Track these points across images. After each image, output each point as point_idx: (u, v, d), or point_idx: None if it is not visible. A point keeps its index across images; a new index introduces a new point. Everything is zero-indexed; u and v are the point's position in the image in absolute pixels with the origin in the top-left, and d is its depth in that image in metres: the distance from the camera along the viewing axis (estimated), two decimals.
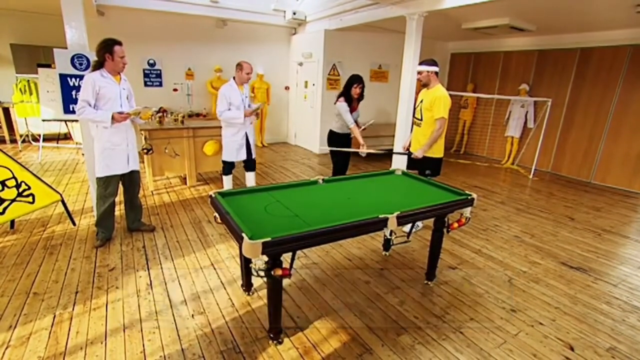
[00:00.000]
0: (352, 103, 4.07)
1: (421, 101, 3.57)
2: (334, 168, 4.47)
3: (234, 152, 4.26)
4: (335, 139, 4.25)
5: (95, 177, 3.27)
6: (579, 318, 2.56)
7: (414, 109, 3.77)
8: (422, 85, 3.55)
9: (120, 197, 3.54)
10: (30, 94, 6.46)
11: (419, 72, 3.49)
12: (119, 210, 3.87)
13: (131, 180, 3.46)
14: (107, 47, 2.99)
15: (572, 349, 2.25)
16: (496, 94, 7.55)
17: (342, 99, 4.04)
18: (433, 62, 3.47)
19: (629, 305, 2.74)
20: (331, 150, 4.34)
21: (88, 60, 3.53)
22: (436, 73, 3.47)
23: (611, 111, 6.07)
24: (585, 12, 4.86)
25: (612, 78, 6.01)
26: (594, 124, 6.31)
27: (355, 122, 4.09)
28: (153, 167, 4.84)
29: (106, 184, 3.25)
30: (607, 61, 6.04)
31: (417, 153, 3.54)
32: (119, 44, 3.05)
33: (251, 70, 4.12)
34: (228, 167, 4.37)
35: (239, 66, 4.07)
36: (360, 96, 4.11)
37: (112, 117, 3.02)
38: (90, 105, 3.01)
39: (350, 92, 4.02)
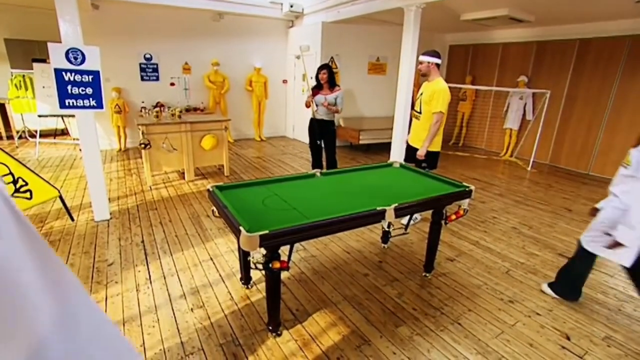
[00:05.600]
0: (322, 89, 4.67)
1: (421, 94, 3.54)
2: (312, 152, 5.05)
3: None
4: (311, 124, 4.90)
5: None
6: (575, 308, 2.58)
7: (413, 101, 3.75)
8: (422, 75, 3.52)
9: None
10: (26, 89, 6.41)
11: (420, 62, 3.46)
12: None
13: None
14: None
15: (568, 338, 2.28)
16: (495, 86, 7.52)
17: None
18: (435, 54, 3.43)
19: (625, 295, 2.77)
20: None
21: (83, 54, 3.48)
22: (437, 65, 3.44)
23: (610, 102, 6.06)
24: (584, 2, 4.82)
25: (610, 69, 5.99)
26: (593, 115, 6.30)
27: (334, 105, 4.65)
28: (151, 162, 4.82)
29: None
30: (606, 52, 6.01)
31: (420, 152, 3.52)
32: None
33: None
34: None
35: None
36: (329, 81, 4.63)
37: None
38: None
39: (318, 77, 4.64)
